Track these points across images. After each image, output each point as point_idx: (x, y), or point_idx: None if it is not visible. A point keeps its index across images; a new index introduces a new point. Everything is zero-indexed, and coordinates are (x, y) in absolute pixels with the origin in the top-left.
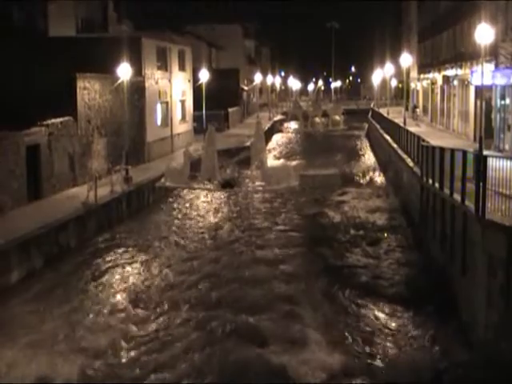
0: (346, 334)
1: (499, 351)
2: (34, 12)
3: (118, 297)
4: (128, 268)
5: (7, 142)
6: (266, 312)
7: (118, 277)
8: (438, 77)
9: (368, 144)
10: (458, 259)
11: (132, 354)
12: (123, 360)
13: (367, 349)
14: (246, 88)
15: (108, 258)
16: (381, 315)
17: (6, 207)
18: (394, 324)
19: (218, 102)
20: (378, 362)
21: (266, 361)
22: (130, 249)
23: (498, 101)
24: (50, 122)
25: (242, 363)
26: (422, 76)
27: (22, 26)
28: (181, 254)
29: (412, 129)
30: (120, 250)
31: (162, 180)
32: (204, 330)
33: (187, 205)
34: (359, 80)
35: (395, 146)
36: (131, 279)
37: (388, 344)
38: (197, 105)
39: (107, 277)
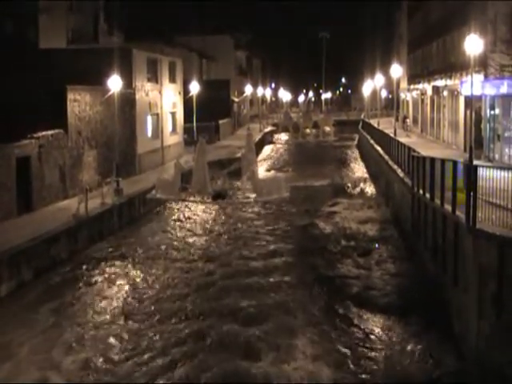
0: (338, 345)
1: (491, 361)
2: (24, 24)
3: (109, 308)
4: (119, 280)
5: None
6: (257, 323)
7: (108, 289)
8: (427, 87)
9: (359, 155)
10: (449, 269)
11: (120, 367)
12: (111, 373)
13: (359, 360)
14: (236, 99)
15: (99, 271)
16: (373, 326)
17: None
18: (385, 334)
19: (208, 114)
20: (370, 373)
21: (256, 373)
22: (121, 261)
23: (488, 111)
24: (40, 134)
25: (231, 375)
26: (412, 86)
27: (13, 38)
28: (172, 265)
29: (402, 139)
30: (111, 262)
31: (153, 192)
32: (194, 342)
33: (178, 217)
34: (350, 91)
35: (386, 156)
36: (122, 291)
37: (380, 354)
38: (187, 116)
39: (98, 289)
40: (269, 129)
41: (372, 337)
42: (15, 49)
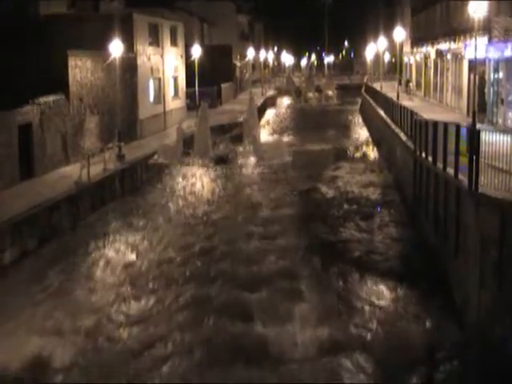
0: (339, 308)
1: (491, 332)
2: None
3: (112, 274)
4: (122, 246)
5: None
6: (259, 287)
7: (111, 255)
8: (431, 51)
9: (361, 119)
10: (451, 234)
11: (123, 331)
12: (115, 338)
13: (359, 323)
14: (238, 64)
15: (102, 237)
16: (373, 290)
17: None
18: (386, 300)
19: (210, 78)
20: (370, 337)
21: (259, 336)
22: (124, 227)
23: (492, 75)
24: (41, 100)
25: (233, 339)
26: (415, 50)
27: (13, 6)
28: (175, 230)
29: (405, 103)
30: (114, 228)
31: (155, 157)
32: (197, 306)
33: (181, 181)
34: (352, 55)
35: (388, 120)
36: (125, 257)
37: (379, 319)
38: (189, 81)
39: (101, 255)
40: (271, 93)
41: (372, 300)
42: (15, 15)
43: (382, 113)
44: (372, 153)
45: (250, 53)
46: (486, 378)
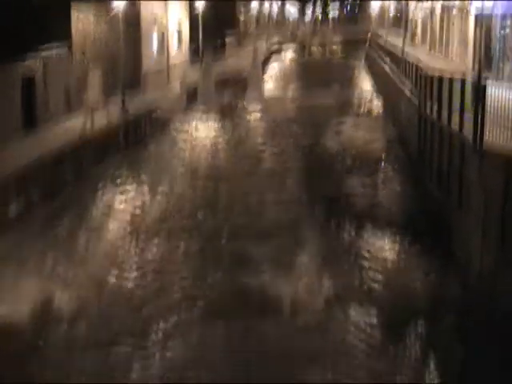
0: (342, 259)
1: (494, 288)
2: None
3: (117, 226)
4: (126, 198)
5: (2, 74)
6: (264, 239)
7: (116, 206)
8: (437, 4)
9: (365, 73)
10: (454, 189)
11: (128, 282)
12: (120, 288)
13: (361, 277)
14: (242, 17)
15: (106, 189)
16: (376, 245)
17: (1, 141)
18: (388, 255)
19: (214, 31)
20: (371, 292)
21: (264, 287)
22: (128, 178)
23: (498, 30)
24: (44, 53)
25: (238, 290)
26: (421, 4)
27: None
28: (179, 183)
29: (410, 58)
30: (118, 181)
31: (159, 110)
32: (201, 258)
33: (184, 134)
34: (357, 9)
35: (393, 75)
36: (129, 209)
37: (381, 275)
38: (193, 34)
39: (105, 206)
40: (275, 46)
41: (375, 256)
42: None
43: (386, 67)
44: (376, 108)
45: (254, 6)
46: (488, 334)
